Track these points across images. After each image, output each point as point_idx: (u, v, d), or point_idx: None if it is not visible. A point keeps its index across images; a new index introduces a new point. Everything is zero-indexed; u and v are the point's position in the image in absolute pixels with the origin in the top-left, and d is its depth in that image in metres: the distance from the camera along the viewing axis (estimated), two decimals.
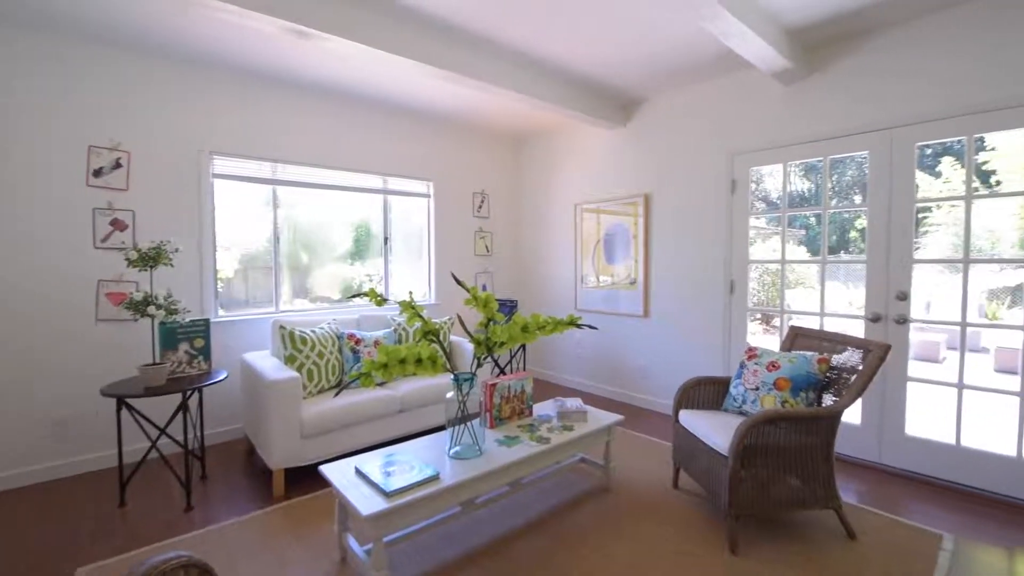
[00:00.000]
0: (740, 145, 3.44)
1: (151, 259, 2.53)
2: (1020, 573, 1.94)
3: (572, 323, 2.15)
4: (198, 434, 2.83)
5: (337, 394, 1.87)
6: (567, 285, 4.80)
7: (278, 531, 2.23)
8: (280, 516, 2.37)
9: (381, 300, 2.05)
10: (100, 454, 2.94)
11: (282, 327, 2.94)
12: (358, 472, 1.93)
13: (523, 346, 4.57)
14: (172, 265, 2.69)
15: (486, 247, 5.01)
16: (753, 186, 3.47)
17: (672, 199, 3.87)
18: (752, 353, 2.53)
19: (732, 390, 2.52)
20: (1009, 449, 2.51)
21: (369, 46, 2.59)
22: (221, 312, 3.43)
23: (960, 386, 2.66)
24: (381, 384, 3.14)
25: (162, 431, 2.53)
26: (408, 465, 1.97)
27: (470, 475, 1.92)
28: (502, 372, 4.60)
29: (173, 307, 2.58)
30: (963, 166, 2.68)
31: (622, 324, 4.27)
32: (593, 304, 4.51)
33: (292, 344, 2.90)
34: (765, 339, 6.26)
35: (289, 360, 2.88)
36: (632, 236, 4.15)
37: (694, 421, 2.38)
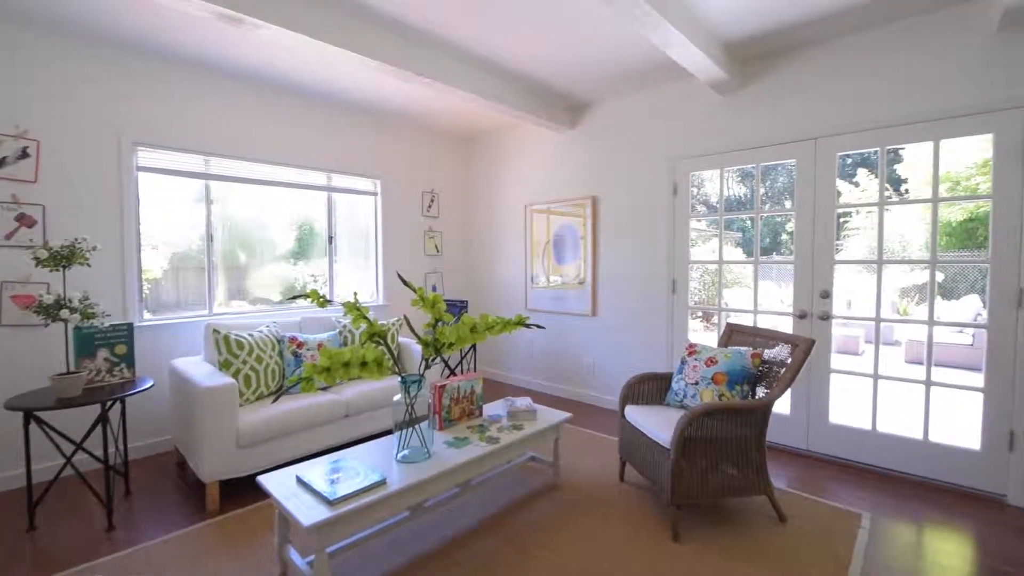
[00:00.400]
0: (681, 150, 3.59)
1: (64, 258, 2.32)
2: (928, 546, 2.14)
3: (520, 323, 2.16)
4: (120, 448, 2.62)
5: (275, 400, 1.78)
6: (518, 285, 4.83)
7: (212, 547, 2.10)
8: (214, 531, 2.23)
9: (324, 301, 1.98)
10: (5, 474, 2.66)
11: (216, 331, 2.77)
12: (299, 481, 1.85)
13: (474, 347, 4.56)
14: (89, 265, 2.47)
15: (436, 247, 4.96)
16: (694, 190, 3.63)
17: (618, 201, 3.98)
18: (692, 349, 2.64)
19: (674, 385, 2.62)
20: (917, 432, 2.77)
21: (309, 36, 2.48)
22: (147, 315, 3.19)
23: (875, 376, 2.90)
24: (324, 389, 3.03)
25: (78, 446, 2.32)
26: (353, 471, 1.91)
27: (418, 479, 1.89)
28: (452, 373, 4.56)
29: (90, 310, 2.38)
30: (876, 176, 2.92)
31: (571, 323, 4.35)
32: (543, 304, 4.56)
33: (227, 349, 2.74)
34: (705, 336, 6.56)
35: (224, 366, 2.72)
36: (580, 237, 4.23)
37: (638, 416, 2.46)
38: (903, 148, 2.87)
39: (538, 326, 2.21)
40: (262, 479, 1.88)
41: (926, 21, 2.63)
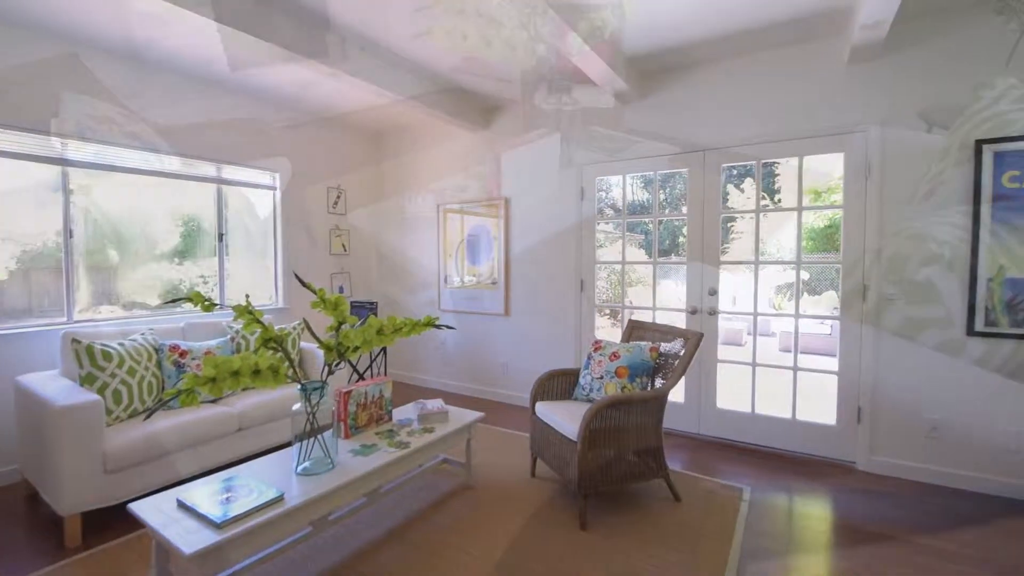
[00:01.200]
0: (587, 156, 3.75)
1: None
2: (797, 511, 2.43)
3: (430, 324, 2.12)
4: None
5: (147, 417, 1.58)
6: (431, 285, 4.75)
7: None
8: (76, 571, 1.94)
9: (209, 305, 1.79)
10: None
11: (76, 340, 2.40)
12: (181, 504, 1.66)
13: (384, 350, 4.41)
14: None
15: (343, 246, 4.72)
16: (602, 194, 3.81)
17: (529, 203, 4.06)
18: (598, 345, 2.76)
19: (581, 380, 2.73)
20: (787, 413, 3.13)
21: (189, 10, 2.24)
22: None
23: (754, 364, 3.24)
24: (213, 401, 2.76)
25: None
26: (247, 489, 1.75)
27: (320, 491, 1.78)
28: (361, 378, 4.38)
29: None
30: (755, 186, 3.26)
31: (485, 323, 4.37)
32: (457, 304, 4.53)
33: (91, 361, 2.39)
34: (613, 332, 6.93)
35: (87, 380, 2.37)
36: (493, 237, 4.27)
37: (548, 411, 2.53)
38: (777, 162, 3.24)
39: (447, 327, 2.19)
40: (135, 506, 1.67)
41: (794, 51, 2.98)
